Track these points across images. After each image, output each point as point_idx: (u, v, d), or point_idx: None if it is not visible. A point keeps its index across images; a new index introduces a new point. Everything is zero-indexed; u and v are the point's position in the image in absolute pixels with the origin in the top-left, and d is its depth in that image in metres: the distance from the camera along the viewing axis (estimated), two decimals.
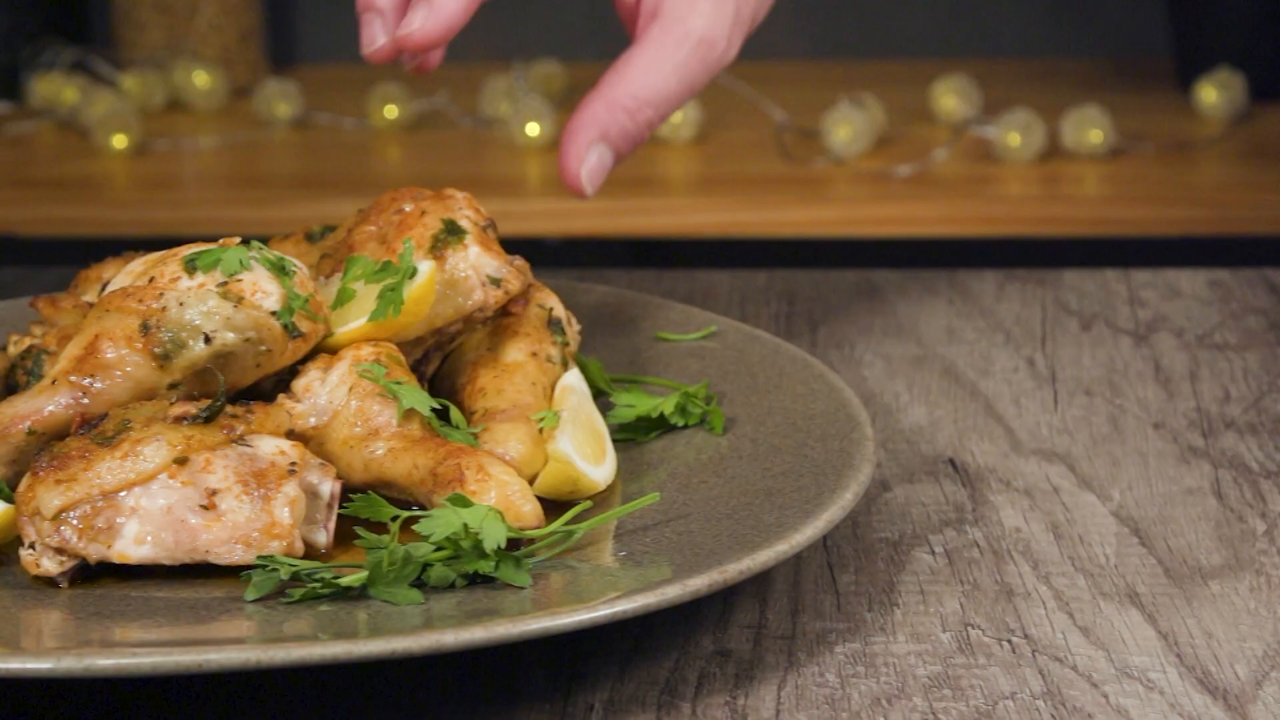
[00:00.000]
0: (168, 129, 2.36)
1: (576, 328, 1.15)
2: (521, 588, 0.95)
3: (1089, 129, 2.15)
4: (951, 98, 2.27)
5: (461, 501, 0.96)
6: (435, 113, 2.35)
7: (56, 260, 2.03)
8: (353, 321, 1.08)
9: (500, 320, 1.13)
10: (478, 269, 1.10)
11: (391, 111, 2.32)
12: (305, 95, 2.38)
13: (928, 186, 2.12)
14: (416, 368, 1.11)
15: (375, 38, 1.16)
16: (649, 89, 1.16)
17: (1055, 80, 2.42)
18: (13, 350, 1.13)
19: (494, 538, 0.95)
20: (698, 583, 0.93)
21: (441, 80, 2.37)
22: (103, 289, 1.15)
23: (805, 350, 1.31)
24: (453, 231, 1.10)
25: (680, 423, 1.12)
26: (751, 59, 2.52)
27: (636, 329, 1.25)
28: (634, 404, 1.13)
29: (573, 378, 1.11)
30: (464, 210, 1.12)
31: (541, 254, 1.40)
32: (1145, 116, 2.26)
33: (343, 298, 1.08)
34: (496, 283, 1.10)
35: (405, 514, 0.98)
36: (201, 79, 2.42)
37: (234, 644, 0.88)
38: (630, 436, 1.13)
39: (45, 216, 2.14)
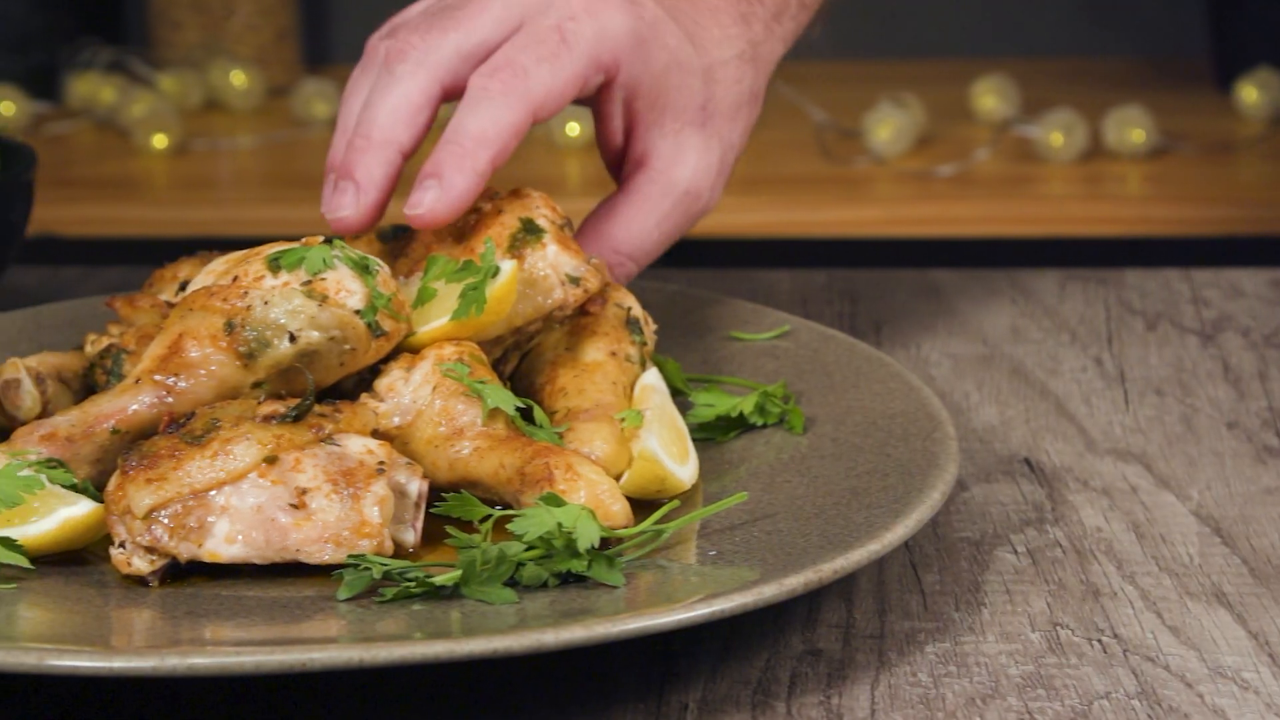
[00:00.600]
0: (205, 129, 2.36)
1: (653, 327, 1.15)
2: (614, 587, 0.95)
3: (1131, 128, 2.15)
4: (991, 97, 2.27)
5: (554, 501, 0.96)
6: None
7: (97, 260, 2.03)
8: (434, 321, 1.08)
9: (578, 320, 1.13)
10: (556, 268, 1.09)
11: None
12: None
13: (969, 186, 2.12)
14: (495, 367, 1.11)
15: (341, 206, 1.11)
16: (630, 243, 1.17)
17: (1092, 80, 2.42)
18: (90, 350, 1.13)
19: (587, 537, 0.95)
20: (793, 582, 0.93)
21: None
22: (180, 288, 1.15)
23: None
24: (531, 230, 1.10)
25: (759, 422, 1.12)
26: (789, 59, 2.51)
27: (708, 328, 1.24)
28: (713, 403, 1.13)
29: (653, 377, 1.11)
30: (541, 209, 1.12)
31: None
32: (1185, 116, 2.26)
33: (423, 297, 1.08)
34: (576, 281, 1.10)
35: (497, 513, 0.98)
36: (239, 79, 2.42)
37: (338, 643, 0.88)
38: (709, 436, 1.12)
39: (85, 216, 2.14)
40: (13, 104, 2.29)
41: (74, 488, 1.02)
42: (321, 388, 1.05)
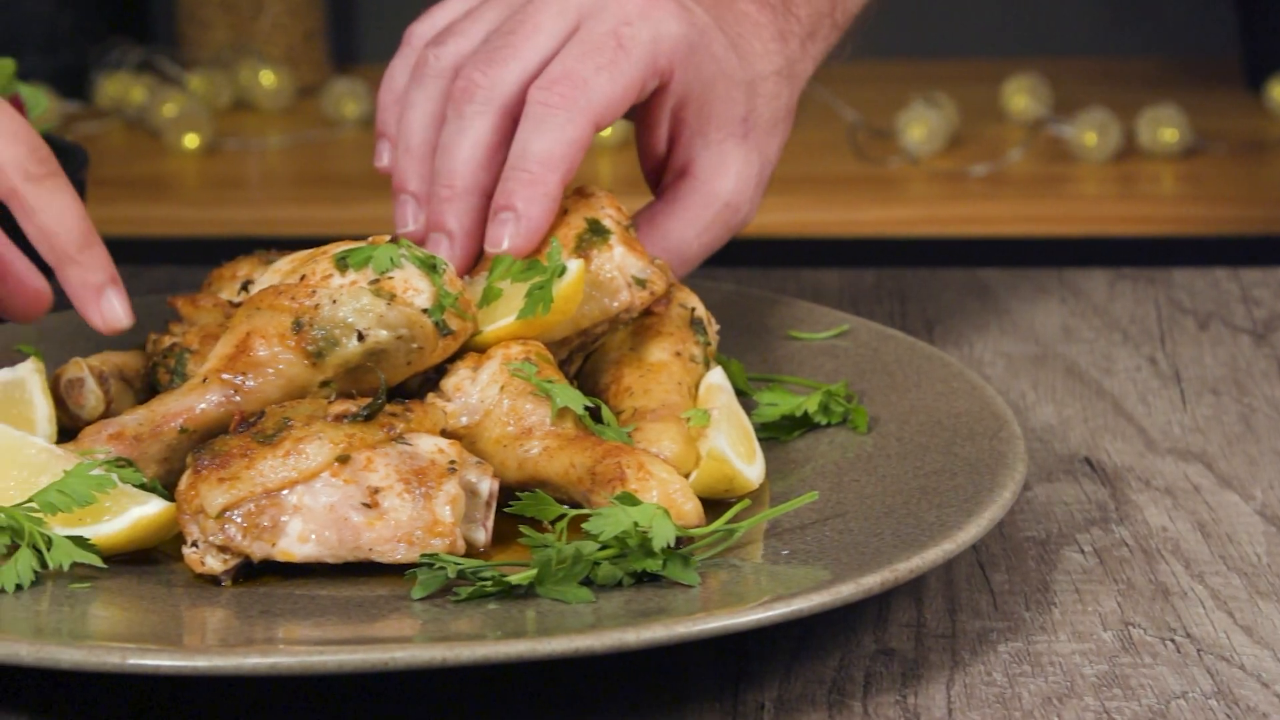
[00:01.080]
0: (234, 128, 2.36)
1: (715, 328, 1.15)
2: (689, 586, 0.95)
3: (1164, 128, 2.15)
4: (1023, 97, 2.27)
5: (629, 500, 0.96)
6: None
7: (134, 259, 2.03)
8: (500, 320, 1.07)
9: (642, 320, 1.12)
10: (623, 269, 1.09)
11: None
12: (373, 94, 2.37)
13: (1003, 185, 2.12)
14: (560, 368, 1.11)
15: (408, 220, 1.14)
16: (670, 252, 1.16)
17: (1122, 79, 2.42)
18: (153, 349, 1.13)
19: (663, 536, 0.95)
20: (870, 581, 0.93)
21: None
22: (242, 287, 1.15)
23: None
24: (597, 231, 1.10)
25: (823, 421, 1.12)
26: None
27: (765, 328, 1.24)
28: (776, 402, 1.13)
29: (717, 376, 1.11)
30: (606, 209, 1.12)
31: None
32: (1216, 116, 2.26)
33: (489, 296, 1.08)
34: (642, 284, 1.10)
35: (572, 512, 0.98)
36: (268, 78, 2.42)
37: (420, 642, 0.88)
38: (773, 435, 1.12)
39: (117, 216, 2.14)
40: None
41: (143, 487, 1.02)
42: (388, 387, 1.05)
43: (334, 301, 1.03)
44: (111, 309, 1.09)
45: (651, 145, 1.18)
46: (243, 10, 2.48)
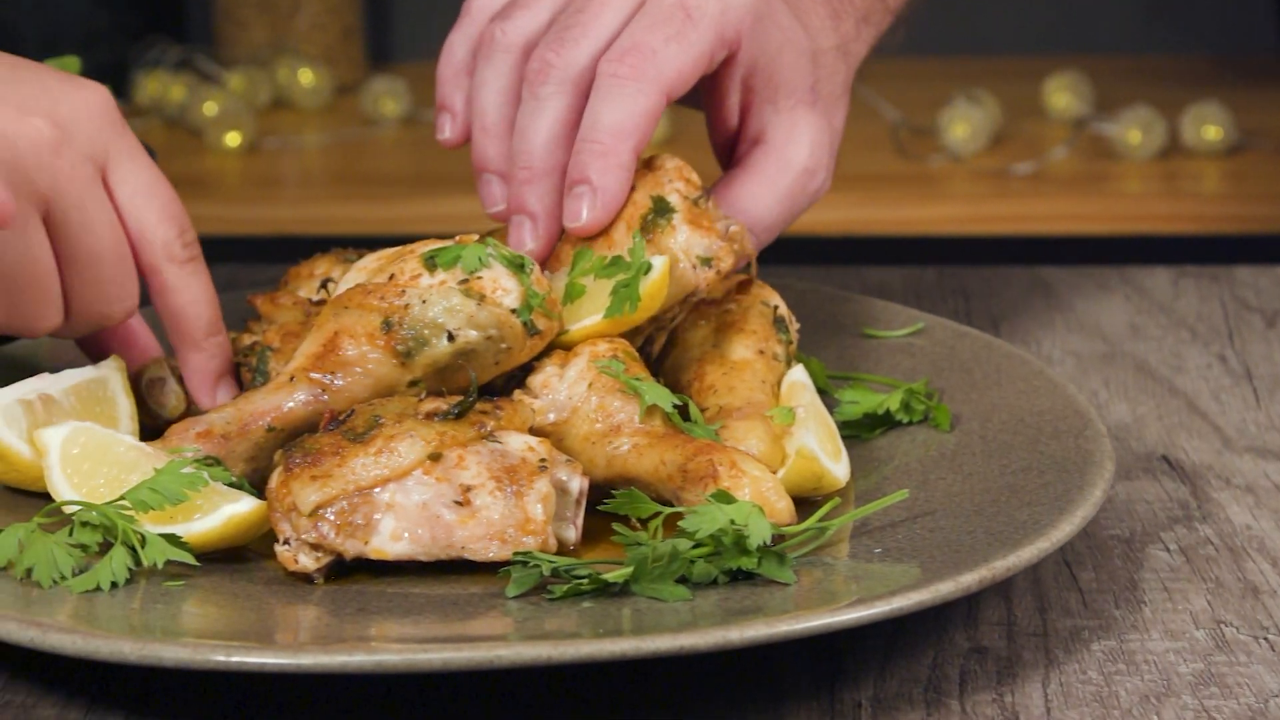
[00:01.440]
0: (273, 127, 2.36)
1: (796, 325, 1.15)
2: (785, 584, 0.95)
3: (1208, 125, 2.15)
4: (1064, 94, 2.27)
5: (725, 498, 0.96)
6: None
7: None
8: (585, 318, 1.07)
9: (724, 317, 1.12)
10: (688, 252, 1.08)
11: None
12: (412, 93, 2.37)
13: (1046, 183, 2.12)
14: (640, 351, 1.10)
15: (495, 199, 1.14)
16: (751, 218, 1.16)
17: (1163, 77, 2.42)
18: (233, 348, 1.13)
19: (759, 534, 0.95)
20: (968, 579, 0.93)
21: None
22: (321, 285, 1.15)
23: None
24: (661, 212, 1.09)
25: (905, 419, 1.12)
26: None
27: (839, 325, 1.24)
28: (858, 400, 1.12)
29: (800, 374, 1.11)
30: (674, 183, 1.10)
31: None
32: (1258, 113, 2.26)
33: (571, 293, 1.08)
34: (707, 263, 1.08)
35: (667, 510, 0.98)
36: (306, 77, 2.42)
37: (527, 640, 0.88)
38: (854, 433, 1.12)
39: None
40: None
41: (231, 485, 1.02)
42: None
43: (424, 301, 1.03)
44: (225, 397, 1.10)
45: (723, 116, 1.18)
46: (280, 9, 2.48)
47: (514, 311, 1.04)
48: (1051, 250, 2.06)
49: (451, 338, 1.03)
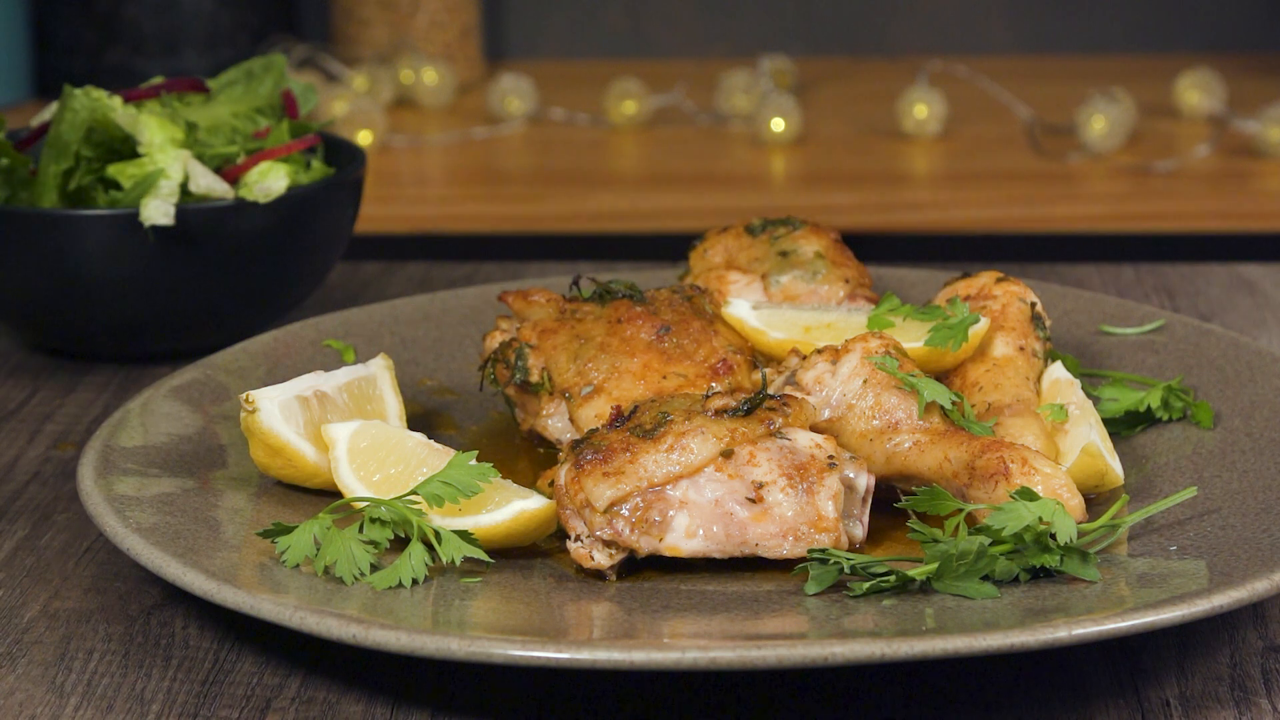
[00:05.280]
0: (397, 125, 2.35)
1: (1048, 322, 1.14)
2: (1090, 582, 0.94)
3: None
4: (1195, 92, 2.26)
5: (1028, 495, 0.95)
6: (670, 108, 2.35)
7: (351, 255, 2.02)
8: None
9: (983, 314, 1.12)
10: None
11: (629, 107, 2.31)
12: (537, 91, 2.37)
13: (1185, 181, 2.11)
14: None
15: None
16: None
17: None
18: (489, 345, 1.13)
19: (1065, 531, 0.94)
20: None
21: (677, 76, 2.36)
22: (573, 283, 1.14)
23: None
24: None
25: (1164, 417, 1.11)
26: (984, 54, 2.51)
27: (1074, 322, 1.24)
28: (1118, 398, 1.12)
29: (1062, 371, 1.10)
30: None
31: None
32: None
33: (875, 324, 1.10)
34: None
35: (970, 506, 0.97)
36: (430, 76, 2.41)
37: (862, 637, 0.87)
38: (1114, 431, 1.12)
39: None
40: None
41: None
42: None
43: None
44: None
45: None
46: (401, 7, 2.48)
47: None
48: (1190, 247, 2.05)
49: None
